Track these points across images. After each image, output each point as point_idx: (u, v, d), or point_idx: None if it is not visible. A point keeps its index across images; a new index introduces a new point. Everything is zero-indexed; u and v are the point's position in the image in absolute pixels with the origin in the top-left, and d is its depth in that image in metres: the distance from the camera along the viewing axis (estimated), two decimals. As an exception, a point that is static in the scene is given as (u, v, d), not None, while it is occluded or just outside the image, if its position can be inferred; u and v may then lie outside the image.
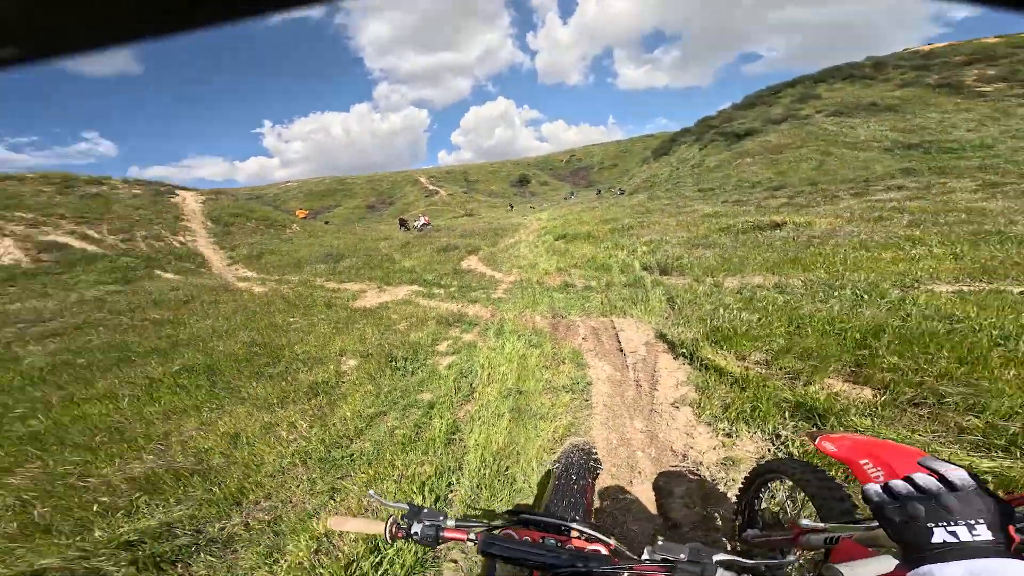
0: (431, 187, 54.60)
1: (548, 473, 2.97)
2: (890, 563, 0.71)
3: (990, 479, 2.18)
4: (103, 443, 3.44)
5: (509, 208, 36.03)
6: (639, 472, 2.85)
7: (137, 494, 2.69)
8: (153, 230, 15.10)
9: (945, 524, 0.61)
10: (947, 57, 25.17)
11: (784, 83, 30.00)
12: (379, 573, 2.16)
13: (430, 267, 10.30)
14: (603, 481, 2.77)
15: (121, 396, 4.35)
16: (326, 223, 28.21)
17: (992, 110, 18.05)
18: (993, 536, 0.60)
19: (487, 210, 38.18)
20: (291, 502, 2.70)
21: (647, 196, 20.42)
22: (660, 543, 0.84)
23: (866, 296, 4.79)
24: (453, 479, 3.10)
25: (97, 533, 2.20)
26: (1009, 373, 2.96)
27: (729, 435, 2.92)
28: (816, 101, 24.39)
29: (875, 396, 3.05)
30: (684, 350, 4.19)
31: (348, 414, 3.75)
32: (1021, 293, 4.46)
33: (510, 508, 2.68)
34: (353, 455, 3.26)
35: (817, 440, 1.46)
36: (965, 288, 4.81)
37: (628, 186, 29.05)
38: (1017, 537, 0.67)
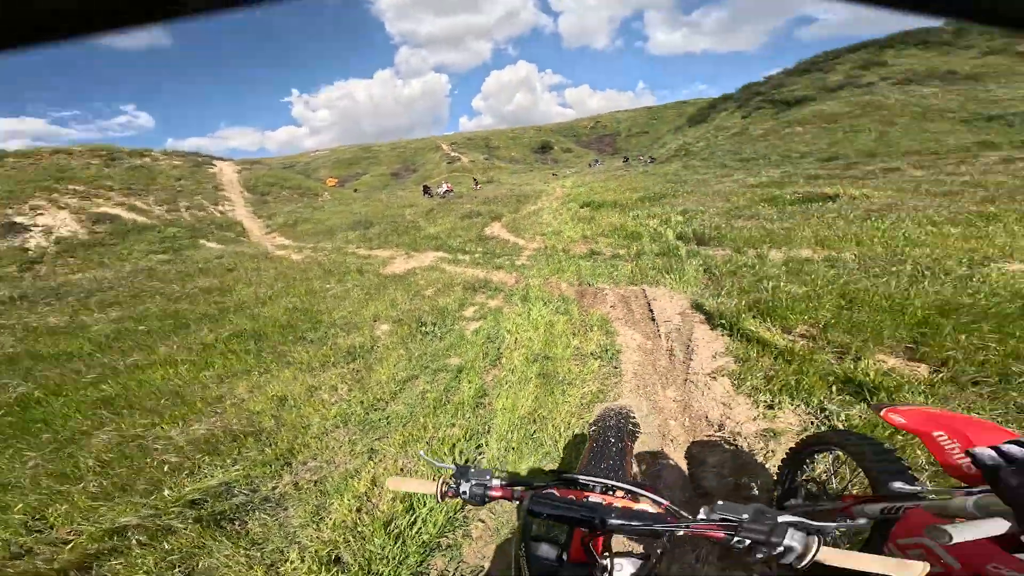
0: (453, 154, 53.96)
1: (585, 438, 3.00)
2: (1002, 525, 0.68)
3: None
4: (167, 406, 3.71)
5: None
6: (671, 440, 2.85)
7: (199, 455, 2.90)
8: (195, 200, 15.75)
9: None
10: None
11: (845, 48, 27.31)
12: (414, 531, 2.27)
13: (454, 233, 10.37)
14: (634, 448, 2.84)
15: (180, 361, 4.66)
16: (355, 191, 28.52)
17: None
18: None
19: (507, 176, 37.45)
20: (334, 463, 2.86)
21: (681, 165, 19.78)
22: (719, 504, 0.81)
23: (928, 272, 4.46)
24: (482, 442, 3.18)
25: (166, 492, 2.41)
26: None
27: (771, 407, 2.87)
28: (881, 68, 22.32)
29: (931, 374, 2.89)
30: (723, 321, 4.07)
31: (384, 378, 3.89)
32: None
33: (551, 471, 2.73)
34: (389, 417, 3.40)
35: (883, 412, 1.43)
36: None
37: (660, 154, 27.84)
38: None
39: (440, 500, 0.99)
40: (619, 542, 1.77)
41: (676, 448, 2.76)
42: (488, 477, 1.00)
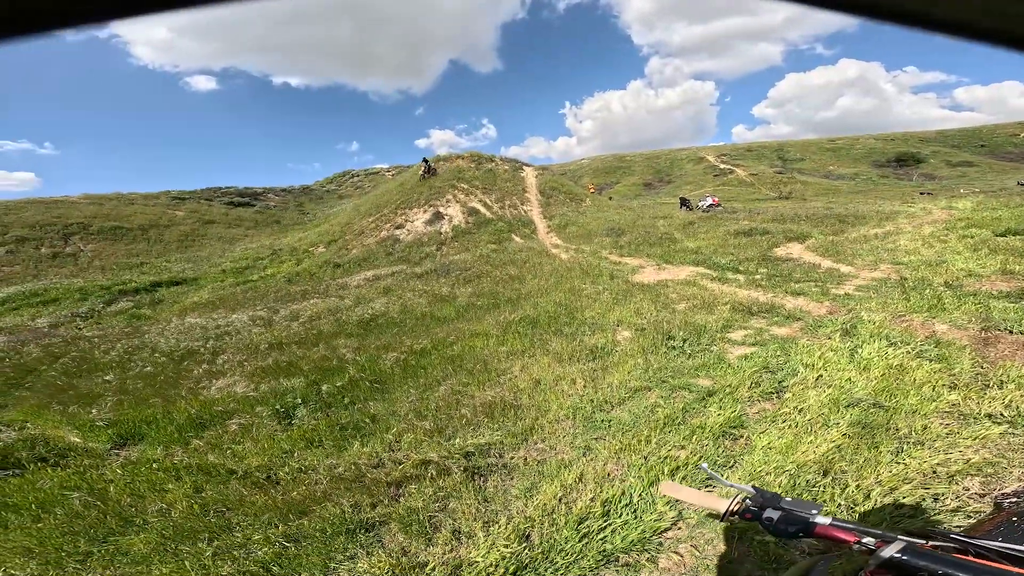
0: (722, 165, 47.71)
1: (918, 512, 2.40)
2: None
3: None
4: (478, 370, 5.44)
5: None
6: None
7: (482, 415, 4.24)
8: (512, 200, 20.06)
9: None
10: None
11: None
12: (601, 536, 2.64)
13: (723, 250, 9.63)
14: None
15: (491, 335, 6.58)
16: (609, 198, 29.22)
17: None
18: None
19: (819, 193, 30.19)
20: (555, 449, 3.54)
21: None
22: None
23: None
24: (721, 476, 3.10)
25: (456, 441, 3.74)
26: None
27: None
28: None
29: None
30: None
31: (616, 382, 4.27)
32: None
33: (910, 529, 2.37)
34: (611, 421, 3.78)
35: None
36: None
37: None
38: None
39: (723, 519, 0.89)
40: None
41: None
42: (814, 511, 0.85)
